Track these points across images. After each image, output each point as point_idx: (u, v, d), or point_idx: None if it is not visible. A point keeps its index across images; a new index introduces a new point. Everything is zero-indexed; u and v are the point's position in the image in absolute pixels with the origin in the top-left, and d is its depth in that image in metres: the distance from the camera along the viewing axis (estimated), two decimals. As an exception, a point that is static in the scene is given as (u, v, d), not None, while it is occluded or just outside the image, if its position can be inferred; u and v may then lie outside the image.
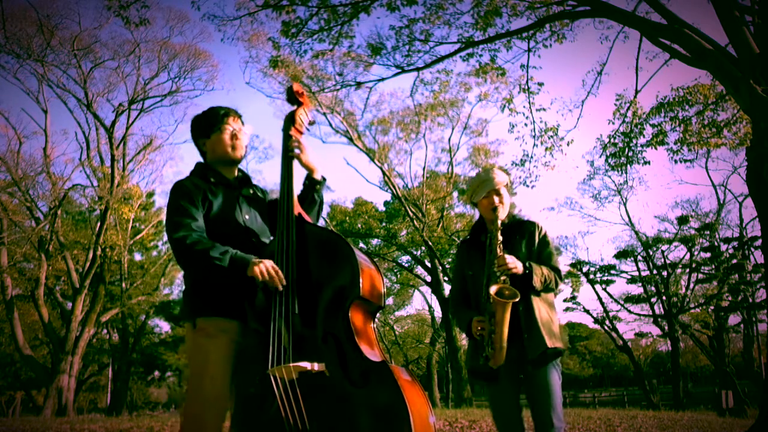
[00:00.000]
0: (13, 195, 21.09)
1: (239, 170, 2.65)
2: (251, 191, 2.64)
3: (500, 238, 2.74)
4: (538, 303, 2.77)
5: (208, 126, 2.59)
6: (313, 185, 2.66)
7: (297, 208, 2.49)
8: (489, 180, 2.90)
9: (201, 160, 2.66)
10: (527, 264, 2.72)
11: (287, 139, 2.60)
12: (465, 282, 2.93)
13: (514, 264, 2.66)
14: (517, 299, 2.57)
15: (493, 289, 2.59)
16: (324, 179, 2.70)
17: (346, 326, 2.23)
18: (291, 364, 2.17)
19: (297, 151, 2.58)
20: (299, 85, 2.76)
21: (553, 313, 2.83)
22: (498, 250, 2.71)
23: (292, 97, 2.72)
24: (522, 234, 2.89)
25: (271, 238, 2.60)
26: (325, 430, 2.16)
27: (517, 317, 2.71)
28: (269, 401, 2.23)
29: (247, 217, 2.53)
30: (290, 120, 2.67)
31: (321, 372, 2.18)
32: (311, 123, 2.72)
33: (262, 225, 2.60)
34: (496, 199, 2.86)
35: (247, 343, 2.38)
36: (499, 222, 2.79)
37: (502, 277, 2.65)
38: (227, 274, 2.28)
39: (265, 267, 2.27)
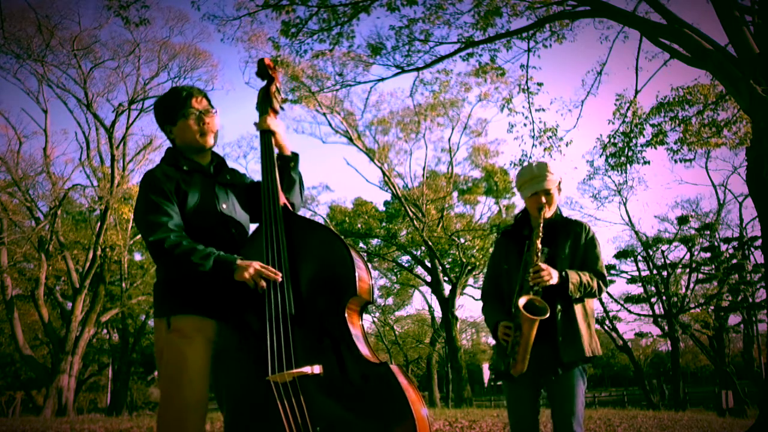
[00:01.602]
0: (13, 195, 21.07)
1: (213, 154, 2.46)
2: (228, 177, 2.46)
3: (540, 246, 2.61)
4: (579, 308, 2.66)
5: (172, 111, 2.37)
6: (287, 163, 2.48)
7: (282, 198, 2.36)
8: (539, 178, 2.72)
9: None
10: (563, 273, 2.59)
11: (264, 119, 2.45)
12: (499, 275, 2.80)
13: (549, 276, 2.53)
14: (546, 316, 2.45)
15: (522, 302, 2.47)
16: (296, 155, 2.51)
17: (343, 325, 2.15)
18: (293, 370, 2.08)
19: (275, 129, 2.44)
20: (269, 59, 2.56)
21: (592, 320, 2.73)
22: (535, 257, 2.58)
23: (264, 71, 2.52)
24: (567, 234, 2.74)
25: (255, 225, 2.45)
26: None
27: (553, 318, 2.60)
28: (267, 405, 2.15)
29: (225, 206, 2.36)
30: (266, 98, 2.49)
31: (319, 374, 2.12)
32: (284, 100, 2.59)
33: (243, 213, 2.44)
34: (543, 199, 2.71)
35: (225, 343, 2.25)
36: (540, 229, 2.64)
37: (535, 288, 2.53)
38: (211, 278, 2.16)
39: (254, 270, 2.14)
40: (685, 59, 8.66)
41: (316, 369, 2.11)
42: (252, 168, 25.28)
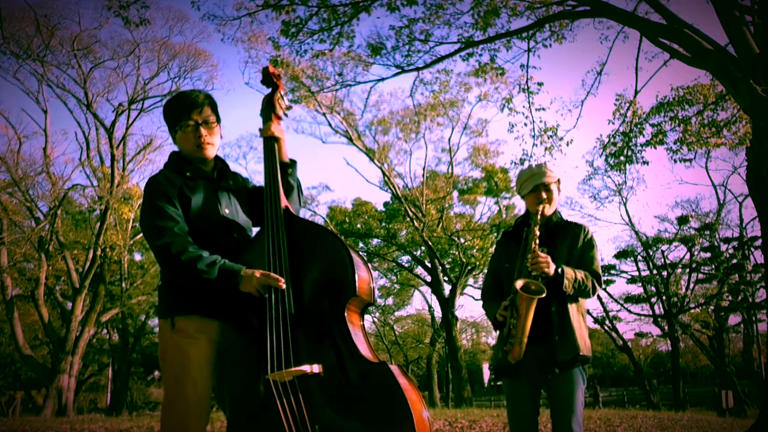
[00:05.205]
0: (13, 195, 21.07)
1: (217, 159, 2.48)
2: (231, 182, 2.49)
3: (537, 233, 2.69)
4: (573, 307, 2.72)
5: (175, 119, 2.39)
6: (285, 170, 2.51)
7: (283, 202, 2.40)
8: (539, 174, 2.84)
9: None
10: (560, 268, 2.64)
11: (268, 126, 2.49)
12: (500, 274, 2.87)
13: (547, 263, 2.60)
14: (543, 295, 2.51)
15: (519, 283, 2.55)
16: (293, 161, 2.56)
17: (342, 325, 2.16)
18: (292, 369, 2.10)
19: (279, 135, 2.48)
20: (274, 67, 2.59)
21: (585, 320, 2.79)
22: (533, 245, 2.65)
23: (269, 79, 2.56)
24: (565, 236, 2.82)
25: (256, 230, 2.49)
26: None
27: (548, 317, 2.66)
28: (266, 404, 2.16)
29: (227, 211, 2.40)
30: (269, 105, 2.53)
31: (319, 373, 2.13)
32: (288, 108, 2.59)
33: (245, 217, 2.47)
34: (544, 194, 2.81)
35: (228, 343, 2.28)
36: (538, 216, 2.73)
37: (533, 273, 2.60)
38: (215, 285, 2.19)
39: (258, 281, 2.18)
40: (685, 59, 8.66)
41: (316, 368, 2.12)
42: (252, 168, 25.27)
